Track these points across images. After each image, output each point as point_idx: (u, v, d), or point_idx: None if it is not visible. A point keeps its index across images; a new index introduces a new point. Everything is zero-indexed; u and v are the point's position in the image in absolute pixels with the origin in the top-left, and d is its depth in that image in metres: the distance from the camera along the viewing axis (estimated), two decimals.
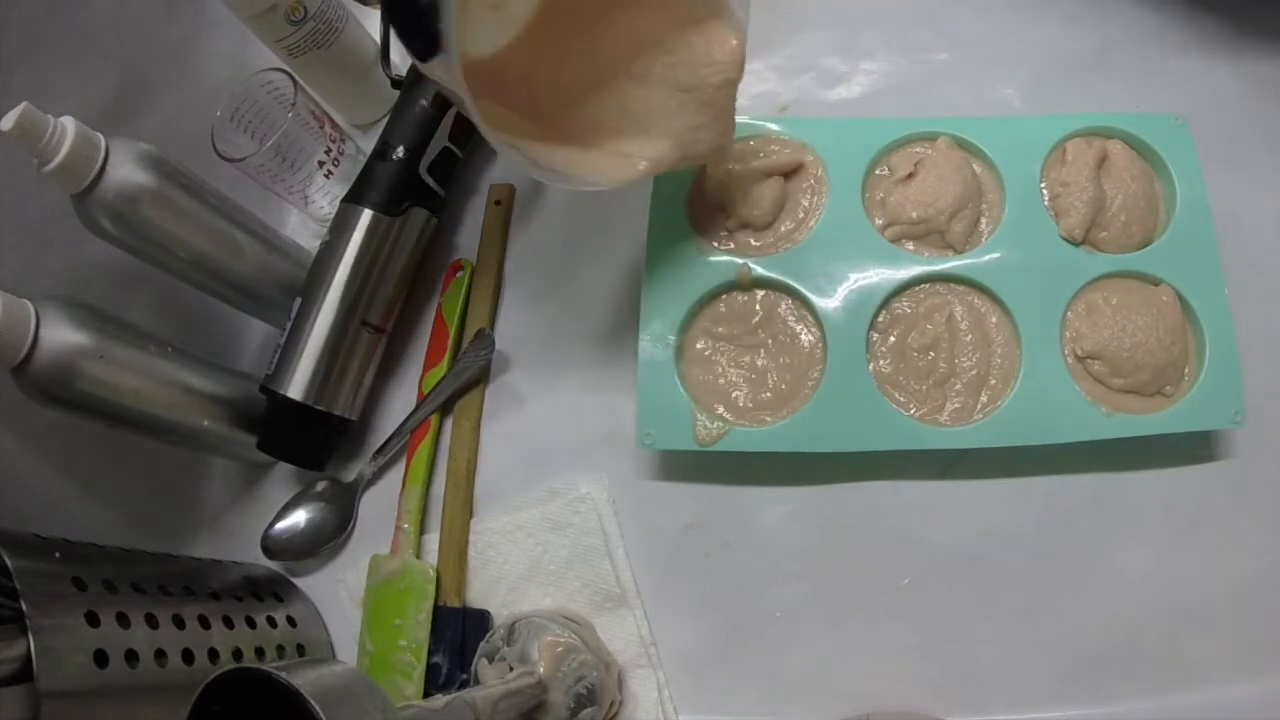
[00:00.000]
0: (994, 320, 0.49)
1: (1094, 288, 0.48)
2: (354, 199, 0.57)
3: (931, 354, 0.49)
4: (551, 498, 0.53)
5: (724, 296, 0.51)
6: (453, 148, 0.60)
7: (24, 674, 0.36)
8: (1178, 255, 0.48)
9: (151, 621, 0.43)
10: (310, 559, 0.57)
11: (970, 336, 0.48)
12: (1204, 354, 0.46)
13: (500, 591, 0.53)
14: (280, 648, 0.50)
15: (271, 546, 0.56)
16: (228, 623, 0.47)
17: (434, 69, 0.38)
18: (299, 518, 0.57)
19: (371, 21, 0.67)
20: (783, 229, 0.52)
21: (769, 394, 0.49)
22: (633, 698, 0.49)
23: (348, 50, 0.61)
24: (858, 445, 0.47)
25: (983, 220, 0.51)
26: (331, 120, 0.60)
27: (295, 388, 0.54)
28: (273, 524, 0.57)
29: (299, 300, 0.56)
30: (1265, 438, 0.47)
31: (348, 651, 0.54)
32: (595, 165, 0.46)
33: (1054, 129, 0.51)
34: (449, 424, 0.57)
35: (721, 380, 0.50)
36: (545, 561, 0.52)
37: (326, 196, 0.61)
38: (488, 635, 0.50)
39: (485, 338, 0.57)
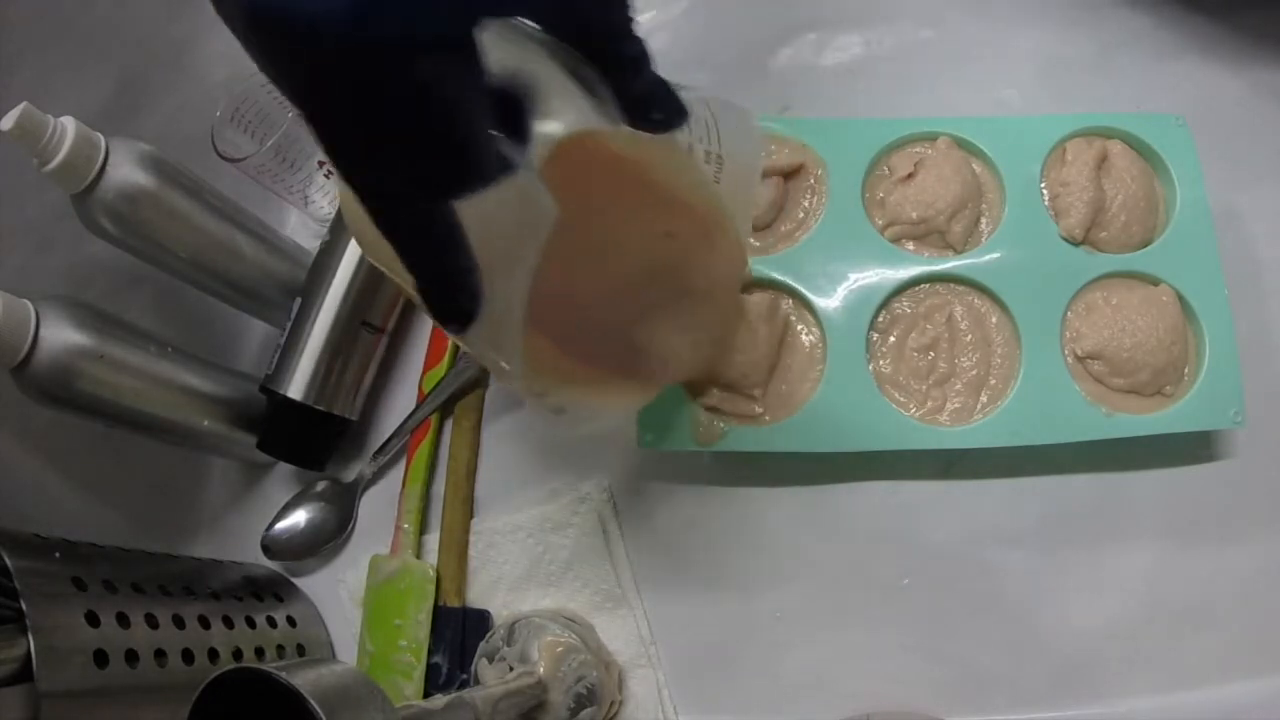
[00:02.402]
0: (994, 320, 0.49)
1: (1094, 288, 0.48)
2: None
3: (931, 354, 0.49)
4: (552, 498, 0.53)
5: None
6: None
7: (24, 674, 0.36)
8: (1178, 255, 0.48)
9: (151, 621, 0.43)
10: (310, 559, 0.56)
11: (970, 336, 0.48)
12: (1204, 354, 0.46)
13: (500, 591, 0.53)
14: (280, 648, 0.50)
15: (271, 546, 0.56)
16: (228, 623, 0.47)
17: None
18: (299, 518, 0.57)
19: None
20: (782, 229, 0.52)
21: (769, 394, 0.49)
22: (633, 698, 0.49)
23: None
24: (858, 445, 0.47)
25: (983, 220, 0.51)
26: None
27: (295, 388, 0.54)
28: (273, 524, 0.57)
29: (299, 300, 0.56)
30: (1265, 438, 0.47)
31: (348, 651, 0.54)
32: (607, 394, 0.43)
33: (1054, 129, 0.51)
34: (449, 424, 0.57)
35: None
36: (545, 561, 0.52)
37: (326, 196, 0.61)
38: (488, 635, 0.50)
39: None
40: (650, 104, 0.31)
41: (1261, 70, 0.53)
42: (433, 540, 0.54)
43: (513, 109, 0.29)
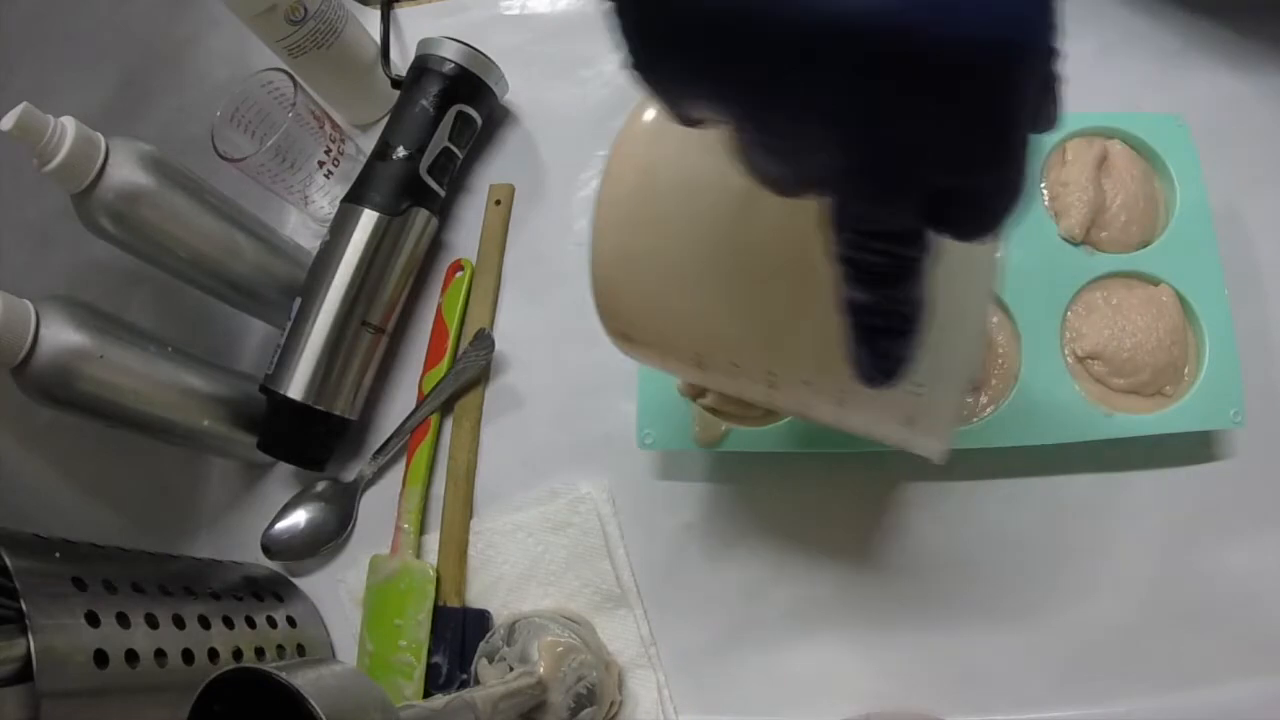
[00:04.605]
0: (994, 320, 0.49)
1: (1094, 288, 0.48)
2: (354, 199, 0.57)
3: None
4: (551, 498, 0.53)
5: None
6: (453, 148, 0.60)
7: (24, 674, 0.36)
8: (1178, 255, 0.48)
9: (151, 621, 0.43)
10: (310, 559, 0.57)
11: None
12: (1204, 354, 0.46)
13: (500, 591, 0.53)
14: (280, 648, 0.50)
15: (271, 546, 0.56)
16: (228, 623, 0.47)
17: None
18: (299, 518, 0.57)
19: (371, 21, 0.67)
20: None
21: None
22: (633, 698, 0.49)
23: (348, 50, 0.61)
24: (857, 445, 0.47)
25: None
26: (331, 120, 0.60)
27: (295, 388, 0.54)
28: (273, 524, 0.57)
29: (299, 300, 0.56)
30: (1265, 438, 0.47)
31: (348, 651, 0.54)
32: None
33: None
34: (449, 424, 0.57)
35: None
36: (545, 561, 0.52)
37: (326, 196, 0.61)
38: (488, 635, 0.50)
39: (485, 338, 0.57)
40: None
41: (1261, 70, 0.53)
42: (433, 540, 0.54)
43: None
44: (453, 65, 0.59)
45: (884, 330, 0.26)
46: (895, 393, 0.30)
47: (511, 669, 0.46)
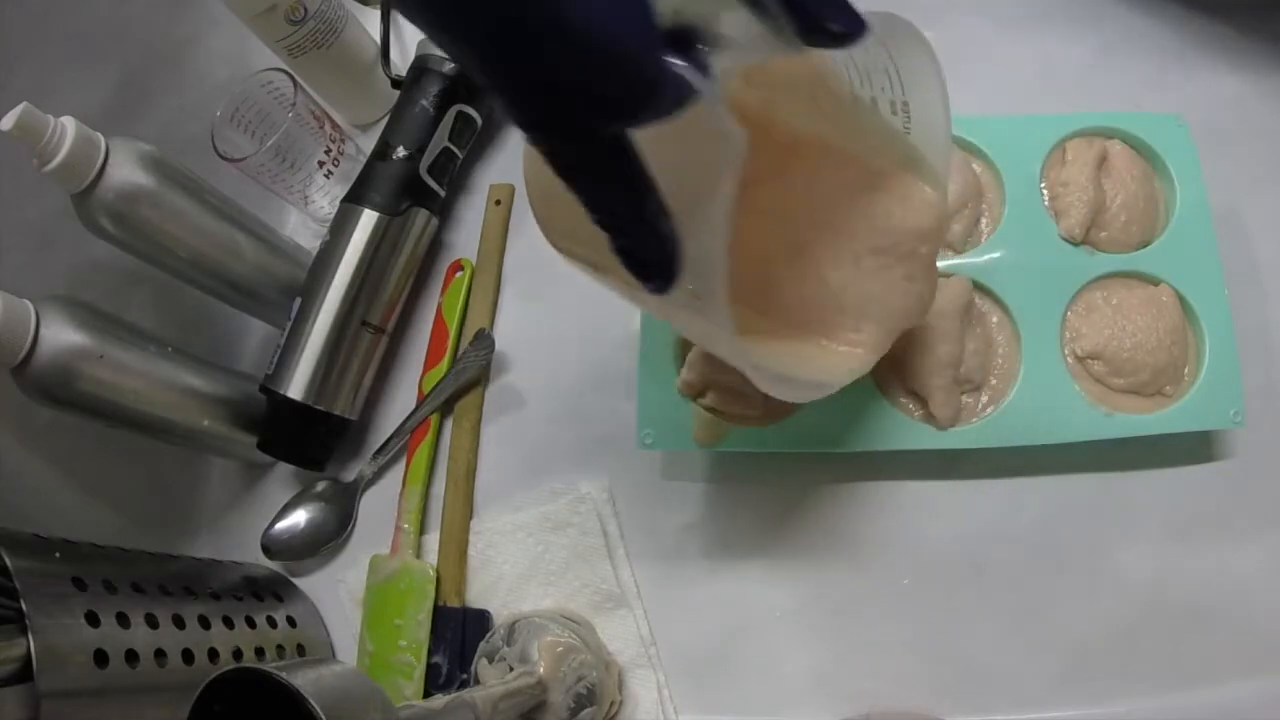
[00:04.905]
0: (994, 320, 0.49)
1: (1094, 288, 0.48)
2: (354, 199, 0.57)
3: None
4: (551, 498, 0.53)
5: None
6: (453, 148, 0.60)
7: (24, 674, 0.36)
8: (1178, 255, 0.48)
9: (151, 621, 0.43)
10: (310, 559, 0.57)
11: None
12: (1204, 354, 0.46)
13: (500, 591, 0.53)
14: (280, 648, 0.50)
15: (271, 546, 0.56)
16: (228, 623, 0.47)
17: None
18: (299, 518, 0.57)
19: (371, 21, 0.67)
20: None
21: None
22: (633, 698, 0.49)
23: (348, 50, 0.61)
24: (858, 445, 0.47)
25: (983, 220, 0.51)
26: (331, 120, 0.60)
27: (295, 388, 0.54)
28: (273, 524, 0.57)
29: (299, 300, 0.56)
30: (1265, 438, 0.47)
31: (348, 651, 0.54)
32: (814, 362, 0.41)
33: (1054, 129, 0.51)
34: (449, 424, 0.57)
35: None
36: (545, 561, 0.52)
37: (326, 196, 0.61)
38: (488, 635, 0.50)
39: (485, 338, 0.57)
40: (823, 12, 0.28)
41: (1261, 70, 0.53)
42: (433, 540, 0.54)
43: (685, 37, 0.27)
44: (453, 65, 0.59)
45: (614, 228, 0.28)
46: (689, 303, 0.31)
47: (511, 669, 0.46)
